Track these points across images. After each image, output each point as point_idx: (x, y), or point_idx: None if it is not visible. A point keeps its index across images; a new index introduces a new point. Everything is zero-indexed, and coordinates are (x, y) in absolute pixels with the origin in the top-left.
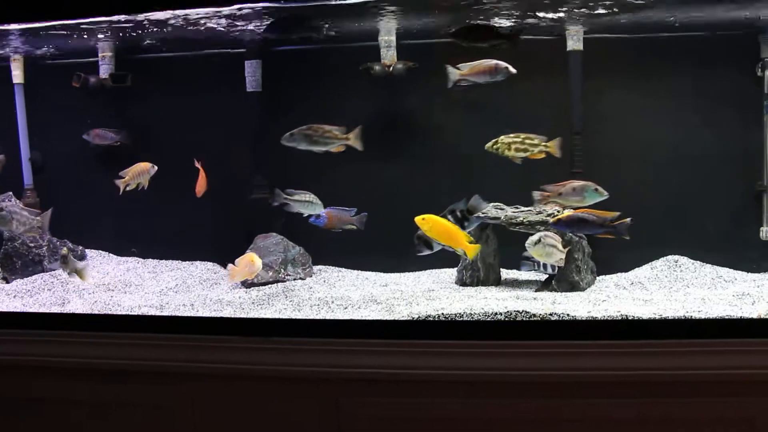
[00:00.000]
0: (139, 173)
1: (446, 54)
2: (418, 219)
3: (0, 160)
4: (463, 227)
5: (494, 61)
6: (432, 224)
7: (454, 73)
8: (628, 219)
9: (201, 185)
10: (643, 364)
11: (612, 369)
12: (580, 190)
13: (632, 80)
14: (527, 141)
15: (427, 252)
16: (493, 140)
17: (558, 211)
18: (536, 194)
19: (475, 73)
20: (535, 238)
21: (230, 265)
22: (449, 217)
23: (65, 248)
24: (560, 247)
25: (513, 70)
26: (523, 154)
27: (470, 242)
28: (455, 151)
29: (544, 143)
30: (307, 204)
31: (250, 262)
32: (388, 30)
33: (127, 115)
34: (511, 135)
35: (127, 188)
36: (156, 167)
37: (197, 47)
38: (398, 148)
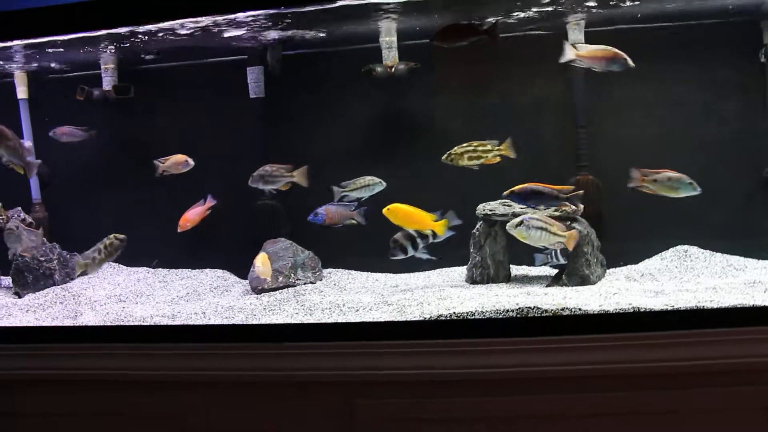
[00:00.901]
0: (175, 164)
1: (446, 53)
2: (384, 211)
3: (36, 163)
4: (434, 237)
5: (614, 50)
6: (395, 212)
7: (570, 52)
8: (581, 191)
9: (191, 217)
10: (657, 355)
11: (626, 362)
12: (675, 180)
13: (636, 70)
14: (480, 148)
15: (401, 256)
16: (448, 152)
17: (566, 212)
18: (634, 172)
19: (591, 57)
20: (517, 220)
21: (258, 267)
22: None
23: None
24: (554, 229)
25: (631, 63)
26: (477, 162)
27: (435, 220)
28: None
29: (497, 147)
30: (367, 188)
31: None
32: (389, 30)
33: (132, 125)
34: (463, 144)
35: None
36: (192, 163)
37: (199, 56)
38: (405, 149)
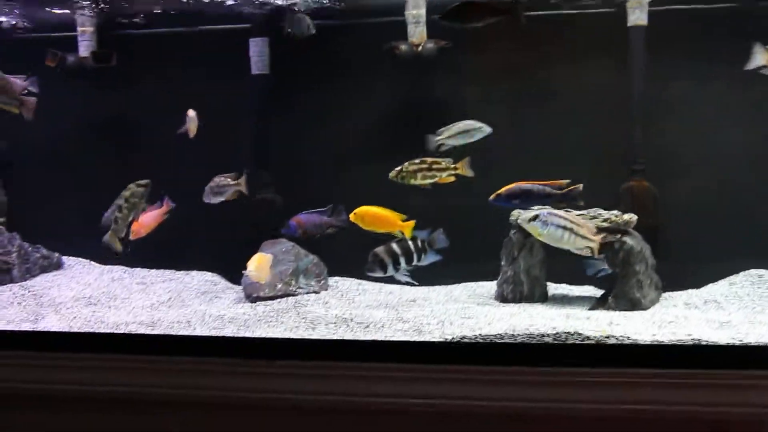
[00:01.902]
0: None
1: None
2: (351, 216)
3: (32, 102)
4: (418, 259)
5: None
6: (363, 216)
7: (761, 56)
8: (580, 185)
9: (146, 222)
10: (720, 398)
11: (682, 403)
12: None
13: (706, 61)
14: (434, 166)
15: (379, 274)
16: (397, 169)
17: (616, 215)
18: None
19: None
20: (531, 213)
21: (252, 271)
22: (410, 242)
23: None
24: (583, 231)
25: None
26: (431, 181)
27: (404, 220)
28: (492, 147)
29: (453, 166)
30: (465, 134)
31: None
32: (416, 2)
33: (112, 101)
34: (416, 161)
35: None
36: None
37: (195, 22)
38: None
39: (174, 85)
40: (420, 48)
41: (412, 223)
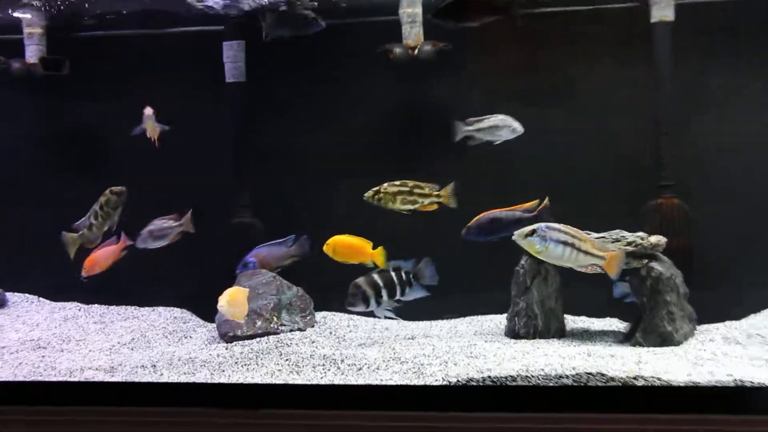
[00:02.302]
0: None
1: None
2: (324, 248)
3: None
4: (402, 293)
5: None
6: (334, 247)
7: None
8: (546, 199)
9: (99, 259)
10: None
11: None
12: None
13: (742, 60)
14: (416, 191)
15: (360, 308)
16: (374, 189)
17: (641, 238)
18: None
19: None
20: (528, 229)
21: (224, 307)
22: (393, 273)
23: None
24: (587, 246)
25: None
26: (411, 207)
27: (374, 248)
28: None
29: (436, 192)
30: (495, 130)
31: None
32: (411, 0)
33: (64, 113)
34: (396, 183)
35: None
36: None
37: (161, 24)
38: (424, 155)
39: (137, 95)
40: (416, 51)
41: (380, 249)
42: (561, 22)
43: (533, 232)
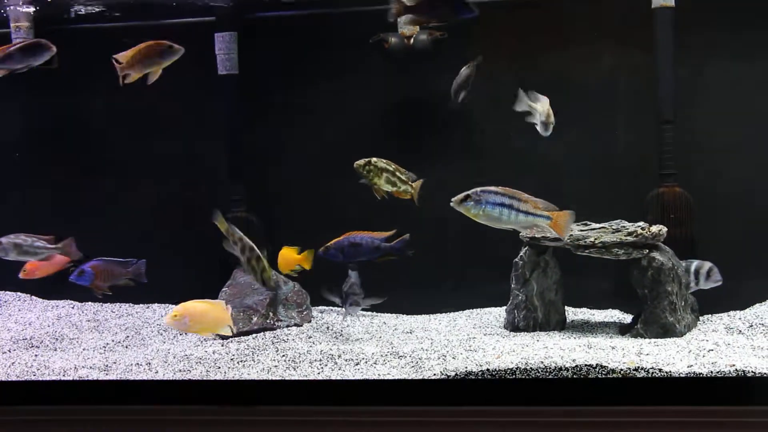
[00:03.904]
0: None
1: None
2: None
3: None
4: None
5: None
6: (279, 260)
7: None
8: (407, 235)
9: (40, 267)
10: None
11: None
12: None
13: (747, 47)
14: (398, 174)
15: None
16: (366, 159)
17: (642, 227)
18: None
19: None
20: (462, 195)
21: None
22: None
23: None
24: (527, 206)
25: None
26: (390, 188)
27: (300, 253)
28: (499, 150)
29: (411, 182)
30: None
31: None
32: None
33: (53, 108)
34: (383, 161)
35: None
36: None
37: (152, 15)
38: (421, 150)
39: (128, 87)
40: (411, 40)
41: (308, 252)
42: (560, 9)
43: (467, 197)
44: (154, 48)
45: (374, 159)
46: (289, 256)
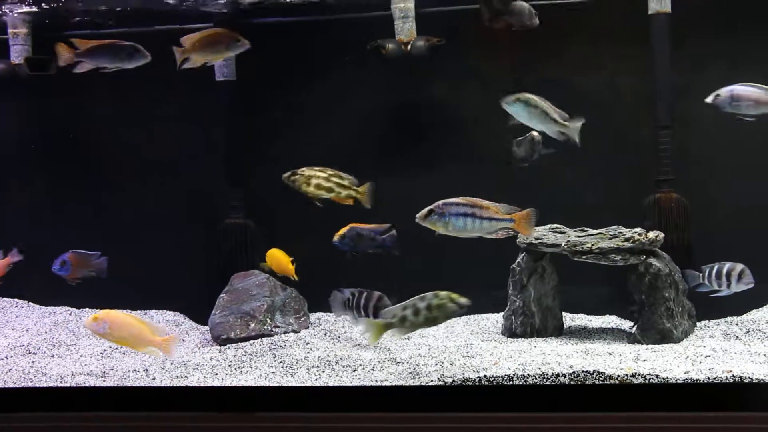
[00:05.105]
0: (210, 43)
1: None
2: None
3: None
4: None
5: None
6: (270, 259)
7: None
8: (393, 231)
9: None
10: None
11: None
12: None
13: (742, 52)
14: (334, 179)
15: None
16: (292, 170)
17: (639, 233)
18: None
19: None
20: (425, 210)
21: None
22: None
23: None
24: (489, 213)
25: None
26: (326, 194)
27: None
28: (496, 157)
29: (355, 187)
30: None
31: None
32: None
33: (51, 115)
34: (316, 168)
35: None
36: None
37: (150, 22)
38: (422, 154)
39: (126, 94)
40: (409, 47)
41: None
42: (559, 14)
43: (431, 211)
44: (223, 36)
45: (303, 168)
46: (288, 264)
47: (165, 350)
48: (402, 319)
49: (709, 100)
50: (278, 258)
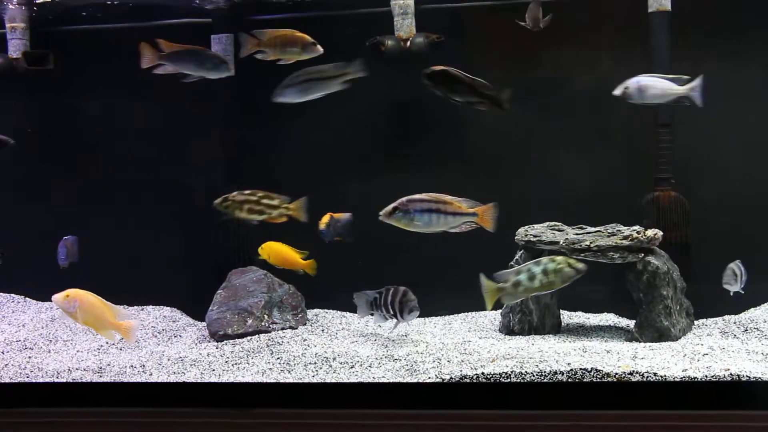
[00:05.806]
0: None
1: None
2: (260, 250)
3: None
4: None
5: None
6: (269, 251)
7: None
8: (346, 214)
9: None
10: None
11: None
12: None
13: (741, 48)
14: (264, 201)
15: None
16: (223, 197)
17: (637, 231)
18: None
19: None
20: (389, 207)
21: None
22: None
23: None
24: (452, 207)
25: None
26: (258, 217)
27: (305, 258)
28: (495, 156)
29: (285, 204)
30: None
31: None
32: None
33: (49, 109)
34: (246, 192)
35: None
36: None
37: (148, 17)
38: (420, 153)
39: (124, 89)
40: (408, 43)
41: (311, 262)
42: (558, 12)
43: (395, 209)
44: (300, 39)
45: (234, 194)
46: (295, 258)
47: (125, 335)
48: (516, 284)
49: (617, 92)
50: (279, 250)
